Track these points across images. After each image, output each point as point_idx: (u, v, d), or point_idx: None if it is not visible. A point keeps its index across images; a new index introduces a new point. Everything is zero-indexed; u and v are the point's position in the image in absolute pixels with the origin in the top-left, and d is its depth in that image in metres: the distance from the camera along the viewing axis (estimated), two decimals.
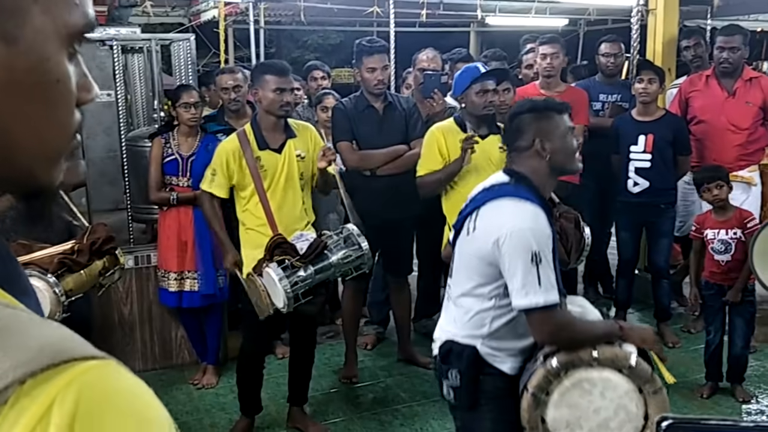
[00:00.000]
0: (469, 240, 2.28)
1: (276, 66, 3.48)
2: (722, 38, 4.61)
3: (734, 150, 4.57)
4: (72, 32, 0.58)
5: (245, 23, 8.57)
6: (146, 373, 4.37)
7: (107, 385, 0.50)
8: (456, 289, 2.35)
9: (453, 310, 2.35)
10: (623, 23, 8.65)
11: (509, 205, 2.20)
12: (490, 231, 2.18)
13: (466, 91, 3.65)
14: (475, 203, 2.30)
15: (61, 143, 0.60)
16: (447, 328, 2.36)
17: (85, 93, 0.61)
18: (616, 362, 2.06)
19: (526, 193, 2.22)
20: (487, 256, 2.19)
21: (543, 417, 2.08)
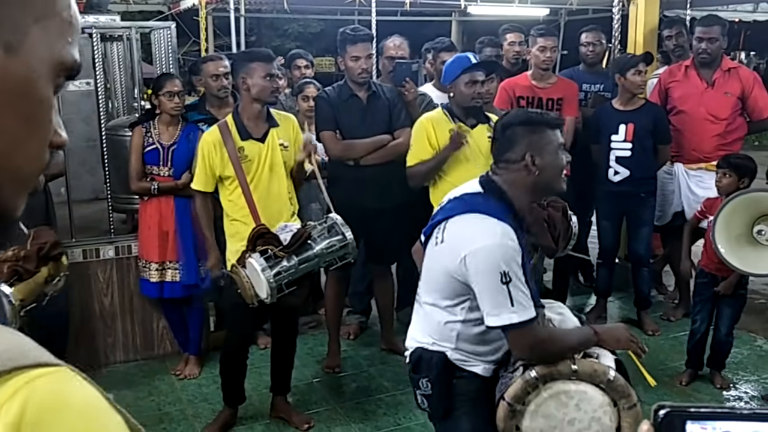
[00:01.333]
0: (437, 251, 2.23)
1: (262, 53, 3.46)
2: (701, 29, 4.64)
3: (713, 140, 4.61)
4: (61, 64, 0.60)
5: (225, 11, 8.49)
6: (128, 364, 4.35)
7: (55, 393, 0.50)
8: (425, 296, 2.31)
9: (422, 316, 2.32)
10: (604, 13, 8.68)
11: (475, 221, 2.14)
12: (456, 247, 2.13)
13: (455, 81, 3.64)
14: (445, 213, 2.25)
15: (31, 170, 0.60)
16: (416, 337, 2.33)
17: (57, 135, 0.62)
18: (594, 377, 2.07)
19: (495, 207, 2.16)
20: (454, 272, 2.14)
21: (518, 426, 2.09)
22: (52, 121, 0.61)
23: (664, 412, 0.59)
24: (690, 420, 0.59)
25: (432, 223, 2.30)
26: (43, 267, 2.98)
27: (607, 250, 4.83)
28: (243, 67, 3.37)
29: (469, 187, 2.28)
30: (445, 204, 2.31)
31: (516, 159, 2.22)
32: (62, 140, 0.63)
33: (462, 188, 2.32)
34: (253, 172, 3.39)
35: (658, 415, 0.60)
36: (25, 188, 0.61)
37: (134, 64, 5.03)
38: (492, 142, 2.40)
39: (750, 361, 4.33)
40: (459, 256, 2.10)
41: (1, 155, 0.57)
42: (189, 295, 4.11)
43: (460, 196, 2.26)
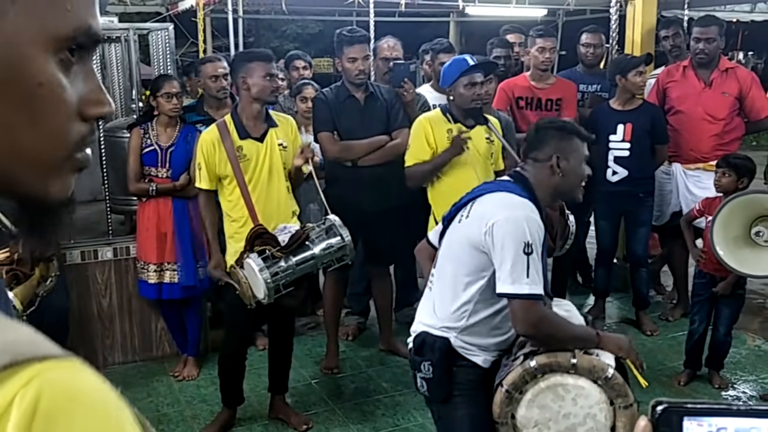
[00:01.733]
0: (460, 227, 2.31)
1: (261, 53, 3.46)
2: (698, 29, 4.65)
3: (711, 140, 4.62)
4: (59, 38, 0.56)
5: (224, 12, 8.47)
6: (126, 365, 4.35)
7: (68, 384, 0.50)
8: (440, 281, 2.36)
9: (433, 301, 2.37)
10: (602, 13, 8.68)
11: (506, 196, 2.26)
12: (484, 217, 2.22)
13: (455, 83, 3.65)
14: (472, 194, 2.35)
15: (51, 153, 0.58)
16: (423, 320, 2.38)
17: (93, 107, 0.59)
18: (593, 372, 2.09)
19: (522, 191, 2.28)
20: (477, 242, 2.21)
21: (513, 414, 2.11)
22: (64, 98, 0.57)
23: (662, 408, 0.60)
24: (687, 416, 0.59)
25: (456, 207, 2.39)
26: (36, 269, 2.98)
27: (605, 251, 4.83)
28: (242, 66, 3.37)
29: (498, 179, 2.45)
30: (473, 189, 2.41)
31: (543, 159, 2.35)
32: (102, 111, 0.60)
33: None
34: (251, 172, 3.38)
35: (656, 411, 0.60)
36: (53, 171, 0.59)
37: (132, 66, 5.02)
38: (524, 141, 2.53)
39: (748, 361, 4.33)
40: (486, 225, 2.19)
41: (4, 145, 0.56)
42: (187, 296, 4.11)
43: (490, 183, 2.42)
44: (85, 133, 0.60)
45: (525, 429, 2.10)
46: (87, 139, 0.60)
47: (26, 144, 0.56)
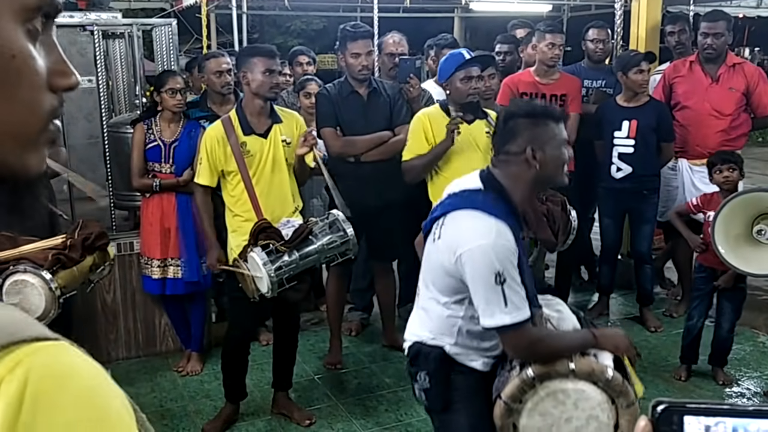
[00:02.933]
0: (435, 247, 2.22)
1: (264, 48, 3.45)
2: (706, 24, 4.62)
3: (717, 136, 4.59)
4: (27, 8, 0.56)
5: (228, 8, 8.49)
6: (130, 360, 4.36)
7: (58, 365, 0.50)
8: (424, 291, 2.30)
9: (421, 310, 2.31)
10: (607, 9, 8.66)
11: (471, 219, 2.11)
12: (452, 245, 2.11)
13: (451, 77, 3.63)
14: (443, 208, 2.22)
15: (29, 125, 0.57)
16: (415, 331, 2.32)
17: (60, 78, 0.59)
18: (593, 376, 2.05)
19: (492, 206, 2.12)
20: (450, 270, 2.13)
21: (515, 424, 2.08)
22: (36, 69, 0.57)
23: (662, 408, 0.59)
24: (688, 414, 0.58)
25: (431, 218, 2.29)
26: (89, 256, 3.07)
27: (609, 248, 4.82)
28: (245, 61, 3.37)
29: (469, 182, 2.25)
30: (444, 199, 2.28)
31: (517, 152, 2.17)
32: (69, 82, 0.59)
33: (462, 182, 2.29)
34: (255, 167, 3.38)
35: (656, 411, 0.59)
36: (30, 144, 0.58)
37: (136, 62, 5.02)
38: (493, 133, 2.35)
39: (752, 357, 4.32)
40: (455, 254, 2.09)
41: None
42: (191, 291, 4.11)
43: (459, 192, 2.23)
44: (56, 104, 0.59)
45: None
46: (57, 110, 0.60)
47: (3, 118, 0.56)
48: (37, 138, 0.59)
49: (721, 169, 3.84)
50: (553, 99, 4.62)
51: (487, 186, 2.19)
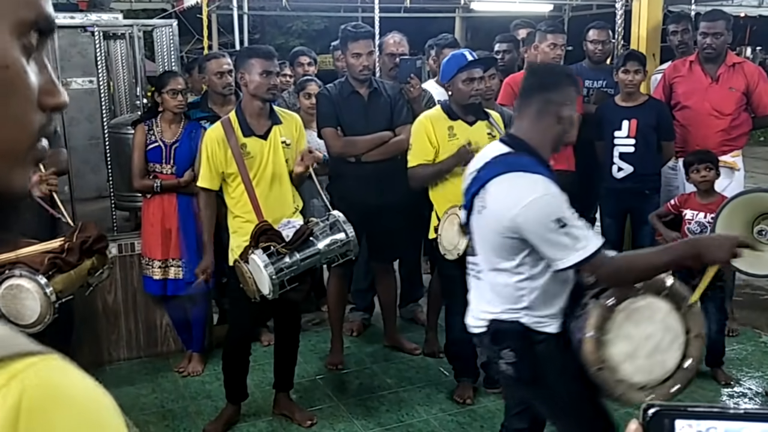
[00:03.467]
0: (482, 218, 2.29)
1: (262, 50, 3.45)
2: (705, 24, 4.61)
3: (718, 135, 4.59)
4: (24, 22, 0.55)
5: (229, 9, 8.50)
6: (131, 361, 4.36)
7: (52, 379, 0.50)
8: (483, 265, 2.36)
9: (483, 287, 2.36)
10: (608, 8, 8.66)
11: (514, 179, 2.21)
12: (502, 209, 2.19)
13: (453, 79, 3.63)
14: (480, 180, 2.29)
15: (17, 142, 0.56)
16: (486, 309, 2.35)
17: (50, 97, 0.58)
18: (656, 286, 2.16)
19: (528, 162, 2.23)
20: (505, 233, 2.20)
21: (604, 359, 2.13)
22: (28, 84, 0.56)
23: (653, 411, 0.59)
24: (679, 418, 0.58)
25: (469, 194, 2.35)
26: (87, 259, 3.06)
27: (610, 248, 4.80)
28: (243, 63, 3.37)
29: (495, 150, 2.33)
30: (475, 171, 2.34)
31: (547, 108, 2.29)
32: (58, 101, 0.59)
33: (486, 153, 2.36)
34: (255, 169, 3.39)
35: (647, 414, 0.59)
36: (18, 161, 0.57)
37: (137, 62, 5.03)
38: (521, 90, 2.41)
39: (754, 357, 4.31)
40: (507, 216, 2.16)
41: None
42: (192, 292, 4.11)
43: (491, 161, 2.30)
44: (44, 123, 0.58)
45: (621, 365, 2.13)
46: (45, 129, 0.59)
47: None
48: (25, 156, 0.58)
49: (698, 168, 3.90)
50: None
51: (517, 148, 2.29)
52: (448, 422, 3.61)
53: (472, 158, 3.51)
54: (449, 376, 3.98)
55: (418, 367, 4.22)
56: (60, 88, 0.60)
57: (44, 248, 3.00)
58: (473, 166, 2.40)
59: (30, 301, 2.83)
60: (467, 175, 2.43)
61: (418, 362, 4.27)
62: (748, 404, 3.80)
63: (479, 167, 2.34)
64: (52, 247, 3.01)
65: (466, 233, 2.54)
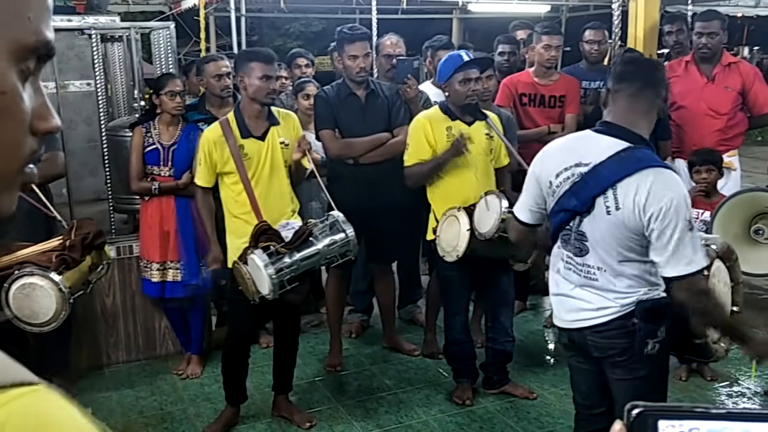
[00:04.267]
0: (614, 218, 2.24)
1: (262, 53, 3.46)
2: (700, 24, 4.63)
3: (714, 135, 4.60)
4: (23, 47, 0.55)
5: (226, 11, 8.50)
6: (130, 363, 4.36)
7: (36, 413, 0.49)
8: (602, 264, 2.33)
9: (605, 281, 2.34)
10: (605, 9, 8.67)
11: (655, 175, 2.19)
12: (641, 205, 2.17)
13: (450, 79, 3.64)
14: (605, 180, 2.24)
15: (7, 165, 0.56)
16: (613, 299, 2.33)
17: (43, 121, 0.58)
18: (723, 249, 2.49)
19: (653, 156, 2.25)
20: (640, 229, 2.20)
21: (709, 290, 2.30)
22: (22, 109, 0.56)
23: (637, 412, 0.60)
24: (662, 419, 0.59)
25: (589, 196, 2.28)
26: (87, 256, 3.07)
27: None
28: (242, 66, 3.38)
29: (611, 146, 2.27)
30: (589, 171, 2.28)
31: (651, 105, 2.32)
32: (50, 126, 0.58)
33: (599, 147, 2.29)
34: (253, 170, 3.39)
35: (631, 415, 0.60)
36: (5, 185, 0.57)
37: (134, 65, 5.03)
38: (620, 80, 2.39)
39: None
40: (648, 212, 2.16)
41: None
42: (191, 294, 4.12)
43: (615, 158, 2.24)
44: (35, 148, 0.58)
45: None
46: (36, 153, 0.59)
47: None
48: (14, 179, 0.58)
49: (700, 170, 3.91)
50: (551, 100, 4.62)
51: (635, 141, 2.27)
52: (447, 423, 3.61)
53: (466, 150, 3.56)
54: (448, 377, 3.99)
55: (417, 368, 4.22)
56: (53, 112, 0.60)
57: (44, 248, 3.00)
58: (571, 161, 2.33)
59: (44, 299, 2.83)
60: (560, 171, 2.35)
61: (417, 363, 4.28)
62: (747, 404, 3.81)
63: (593, 164, 2.27)
64: (52, 246, 3.01)
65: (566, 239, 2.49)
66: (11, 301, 2.82)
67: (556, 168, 2.37)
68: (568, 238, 2.40)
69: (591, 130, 2.40)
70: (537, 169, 2.48)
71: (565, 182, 2.33)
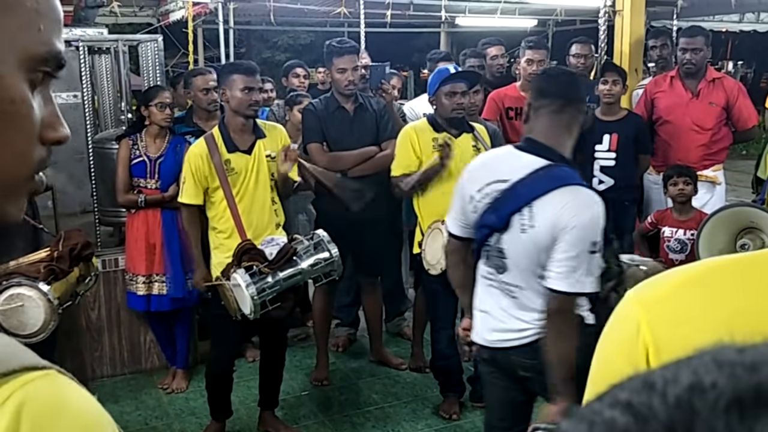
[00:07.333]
0: (526, 237, 2.19)
1: (243, 65, 3.46)
2: (685, 39, 4.68)
3: (699, 150, 4.64)
4: (33, 58, 0.56)
5: (215, 23, 8.51)
6: (115, 378, 4.33)
7: (51, 396, 0.50)
8: (521, 282, 2.27)
9: (526, 298, 2.28)
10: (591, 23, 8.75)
11: (571, 193, 2.14)
12: (556, 223, 2.12)
13: (437, 92, 3.66)
14: (522, 198, 2.19)
15: (16, 174, 0.57)
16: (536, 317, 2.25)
17: (52, 131, 0.59)
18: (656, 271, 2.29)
19: (577, 176, 2.21)
20: (552, 245, 2.14)
21: None
22: (32, 118, 0.57)
23: None
24: None
25: (506, 212, 2.22)
26: (75, 267, 3.05)
27: None
28: (225, 79, 3.38)
29: (529, 163, 2.21)
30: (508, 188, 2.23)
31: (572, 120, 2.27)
32: (59, 135, 0.59)
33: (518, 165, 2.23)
34: (239, 185, 3.38)
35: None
36: (14, 192, 0.58)
37: (122, 77, 5.02)
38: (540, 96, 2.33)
39: None
40: (561, 229, 2.11)
41: None
42: (176, 308, 4.09)
43: (533, 176, 2.19)
44: (44, 156, 0.59)
45: None
46: (45, 162, 0.60)
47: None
48: (22, 188, 0.59)
49: (676, 182, 3.94)
50: None
51: (554, 158, 2.22)
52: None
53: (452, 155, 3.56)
54: (435, 391, 3.98)
55: (404, 382, 4.21)
56: (63, 122, 0.60)
57: (32, 259, 2.99)
58: (492, 177, 2.28)
59: (33, 310, 2.81)
60: (482, 187, 2.30)
61: (404, 377, 4.26)
62: None
63: (512, 182, 2.22)
64: (40, 257, 3.00)
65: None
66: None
67: (478, 183, 2.32)
68: (488, 255, 2.34)
69: (513, 146, 2.36)
70: (461, 184, 2.44)
71: (486, 198, 2.29)
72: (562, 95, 2.27)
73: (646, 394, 0.32)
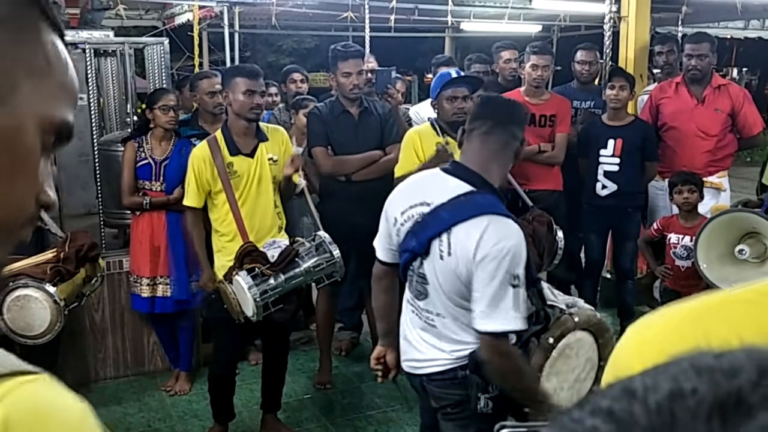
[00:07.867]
0: (444, 264, 2.10)
1: (246, 68, 3.46)
2: (690, 46, 4.68)
3: (704, 156, 4.64)
4: (52, 121, 0.60)
5: (220, 27, 8.53)
6: (118, 379, 4.33)
7: (39, 400, 0.50)
8: (440, 308, 2.19)
9: (445, 327, 2.19)
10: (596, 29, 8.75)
11: (489, 223, 2.03)
12: (471, 252, 2.01)
13: (438, 96, 3.67)
14: (442, 223, 2.09)
15: (14, 218, 0.60)
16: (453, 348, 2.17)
17: (45, 195, 0.62)
18: (589, 322, 2.21)
19: (500, 205, 2.09)
20: (469, 277, 2.04)
21: None
22: (38, 175, 0.60)
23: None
24: None
25: (426, 237, 2.12)
26: (81, 268, 3.07)
27: (593, 263, 4.86)
28: (228, 82, 3.39)
29: (454, 188, 2.14)
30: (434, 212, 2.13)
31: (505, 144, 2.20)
32: (49, 200, 0.63)
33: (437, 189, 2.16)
34: (242, 188, 3.39)
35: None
36: (5, 236, 0.60)
37: (127, 80, 5.03)
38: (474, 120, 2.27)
39: None
40: (476, 260, 2.00)
41: None
42: (180, 310, 4.10)
43: (454, 201, 2.11)
44: (35, 214, 0.62)
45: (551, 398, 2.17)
46: (34, 220, 0.62)
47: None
48: (14, 235, 0.61)
49: (681, 190, 3.94)
50: (542, 119, 4.65)
51: (478, 185, 2.12)
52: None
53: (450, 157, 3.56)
54: None
55: (407, 386, 4.20)
56: (54, 189, 0.64)
57: (38, 260, 3.00)
58: (416, 200, 2.18)
59: (39, 311, 2.82)
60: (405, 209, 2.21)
61: (407, 381, 4.25)
62: None
63: (434, 205, 2.12)
64: (46, 259, 3.01)
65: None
66: (5, 313, 2.81)
67: (402, 206, 2.24)
68: (411, 280, 2.24)
69: (441, 169, 2.25)
70: (386, 206, 2.36)
71: (409, 221, 2.20)
72: (493, 117, 2.21)
73: (627, 401, 0.33)
